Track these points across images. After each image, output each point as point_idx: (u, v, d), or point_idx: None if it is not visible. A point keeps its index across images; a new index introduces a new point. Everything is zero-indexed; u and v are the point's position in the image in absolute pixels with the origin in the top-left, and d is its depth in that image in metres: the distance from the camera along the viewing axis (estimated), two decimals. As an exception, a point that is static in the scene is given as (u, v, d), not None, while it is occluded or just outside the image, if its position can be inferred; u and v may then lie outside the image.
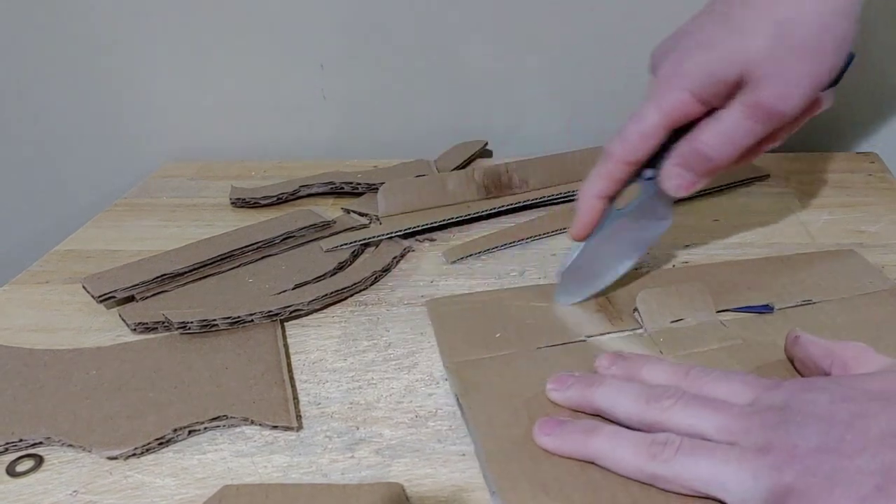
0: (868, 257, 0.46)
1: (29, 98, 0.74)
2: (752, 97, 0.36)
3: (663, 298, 0.41)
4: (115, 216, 0.61)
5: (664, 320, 0.40)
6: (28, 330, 0.45)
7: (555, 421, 0.32)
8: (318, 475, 0.32)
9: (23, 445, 0.35)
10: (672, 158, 0.38)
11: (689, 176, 0.38)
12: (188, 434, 0.35)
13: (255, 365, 0.39)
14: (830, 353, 0.32)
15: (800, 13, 0.35)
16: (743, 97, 0.36)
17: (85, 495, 0.32)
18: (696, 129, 0.37)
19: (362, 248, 0.52)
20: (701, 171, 0.38)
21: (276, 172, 0.69)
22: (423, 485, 0.31)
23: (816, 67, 0.35)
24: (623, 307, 0.42)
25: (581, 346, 0.39)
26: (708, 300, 0.41)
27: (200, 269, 0.49)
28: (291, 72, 0.72)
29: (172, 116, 0.74)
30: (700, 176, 0.38)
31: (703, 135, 0.37)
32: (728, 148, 0.37)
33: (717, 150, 0.37)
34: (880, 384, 0.28)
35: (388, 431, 0.35)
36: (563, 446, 0.31)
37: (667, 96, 0.37)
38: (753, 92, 0.35)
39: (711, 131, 0.37)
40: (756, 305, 0.42)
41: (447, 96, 0.71)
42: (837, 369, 0.31)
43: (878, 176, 0.60)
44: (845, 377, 0.30)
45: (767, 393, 0.29)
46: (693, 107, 0.37)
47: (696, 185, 0.39)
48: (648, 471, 0.28)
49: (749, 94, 0.36)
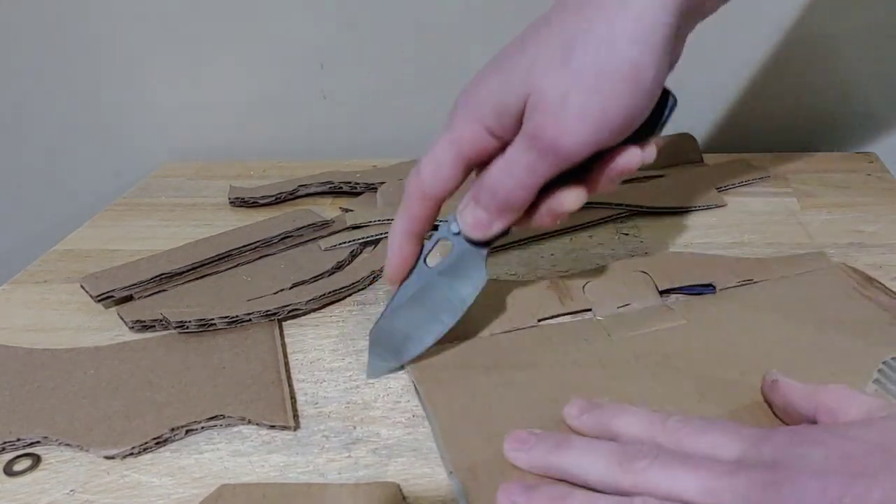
0: (868, 257, 0.46)
1: (29, 98, 0.74)
2: (530, 125, 0.32)
3: (611, 286, 0.43)
4: (114, 216, 0.61)
5: (612, 306, 0.42)
6: (26, 329, 0.45)
7: (520, 487, 0.28)
8: (316, 475, 0.32)
9: (20, 445, 0.35)
10: (466, 196, 0.36)
11: (481, 213, 0.35)
12: (185, 433, 0.35)
13: (253, 364, 0.39)
14: (813, 398, 0.30)
15: (587, 35, 0.30)
16: (524, 127, 0.32)
17: (82, 494, 0.32)
18: (489, 166, 0.34)
19: (361, 247, 0.52)
20: (492, 208, 0.34)
21: (275, 172, 0.69)
22: (420, 484, 0.31)
23: (604, 102, 0.30)
24: (573, 285, 0.44)
25: (534, 331, 0.41)
26: (651, 286, 0.43)
27: (199, 268, 0.49)
28: (291, 72, 0.72)
29: (172, 116, 0.75)
30: (493, 214, 0.35)
31: (492, 169, 0.34)
32: (511, 182, 0.33)
33: (504, 185, 0.33)
34: (878, 436, 0.25)
35: (385, 431, 0.35)
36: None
37: (458, 128, 0.33)
38: (532, 120, 0.31)
39: (496, 164, 0.33)
40: (698, 285, 0.43)
41: (447, 96, 0.70)
42: (823, 416, 0.29)
43: (877, 176, 0.60)
44: (837, 427, 0.27)
45: (754, 446, 0.27)
46: (486, 140, 0.33)
47: (491, 224, 0.35)
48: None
49: (529, 122, 0.32)
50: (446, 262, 0.37)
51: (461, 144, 0.33)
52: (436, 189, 0.35)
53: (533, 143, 0.32)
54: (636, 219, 0.54)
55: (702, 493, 0.26)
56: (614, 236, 0.52)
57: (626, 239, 0.51)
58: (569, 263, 0.48)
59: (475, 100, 0.33)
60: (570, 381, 0.36)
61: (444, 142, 0.34)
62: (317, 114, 0.73)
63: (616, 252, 0.49)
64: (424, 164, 0.35)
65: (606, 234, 0.52)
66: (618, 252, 0.49)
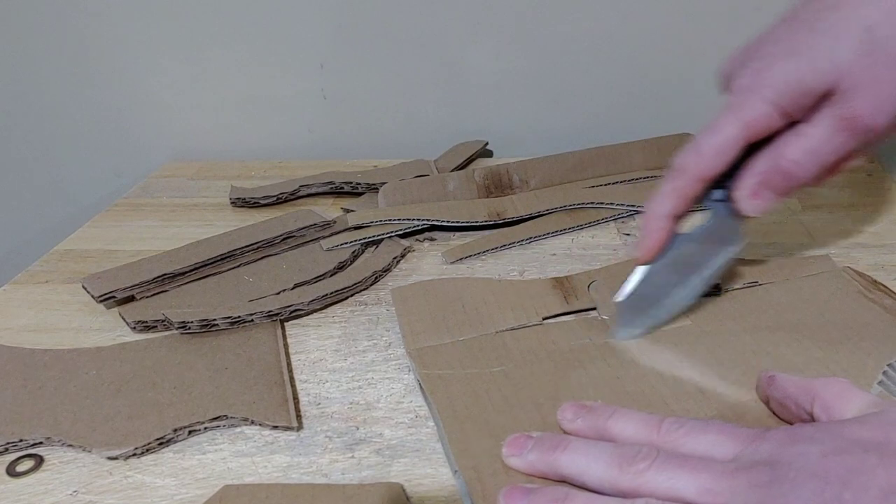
0: (868, 257, 0.46)
1: (29, 98, 0.74)
2: (844, 110, 0.33)
3: (615, 285, 0.42)
4: (115, 216, 0.61)
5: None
6: (28, 330, 0.45)
7: (521, 490, 0.28)
8: (319, 475, 0.32)
9: (23, 445, 0.35)
10: (751, 177, 0.35)
11: (769, 195, 0.35)
12: (188, 434, 0.35)
13: (255, 365, 0.39)
14: (810, 391, 0.30)
15: (889, 20, 0.32)
16: (833, 110, 0.33)
17: (85, 495, 0.32)
18: (778, 144, 0.35)
19: (362, 247, 0.52)
20: (783, 191, 0.35)
21: (275, 172, 0.69)
22: (423, 484, 0.31)
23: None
24: (578, 284, 0.44)
25: (539, 329, 0.41)
26: None
27: (200, 268, 0.49)
28: (291, 72, 0.72)
29: (172, 116, 0.74)
30: (781, 195, 0.35)
31: (789, 151, 0.34)
32: (815, 165, 0.34)
33: (803, 167, 0.34)
34: (872, 432, 0.26)
35: (389, 431, 0.35)
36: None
37: (748, 108, 0.34)
38: (845, 104, 0.33)
39: (798, 147, 0.34)
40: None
41: (447, 96, 0.71)
42: (819, 410, 0.29)
43: (877, 176, 0.60)
44: (833, 424, 0.27)
45: (751, 446, 0.27)
46: (775, 120, 0.34)
47: (774, 204, 0.36)
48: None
49: (841, 106, 0.33)
50: (704, 228, 0.37)
51: (752, 126, 0.34)
52: (717, 170, 0.35)
53: (844, 124, 0.33)
54: (639, 219, 0.54)
55: (702, 494, 0.26)
56: (616, 236, 0.52)
57: (628, 239, 0.51)
58: (572, 263, 0.49)
59: (769, 81, 0.33)
60: (573, 380, 0.36)
61: (732, 122, 0.34)
62: (317, 114, 0.73)
63: (618, 252, 0.50)
64: (708, 145, 0.35)
65: (608, 234, 0.52)
66: (620, 252, 0.50)
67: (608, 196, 0.55)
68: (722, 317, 0.40)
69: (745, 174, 0.36)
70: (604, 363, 0.37)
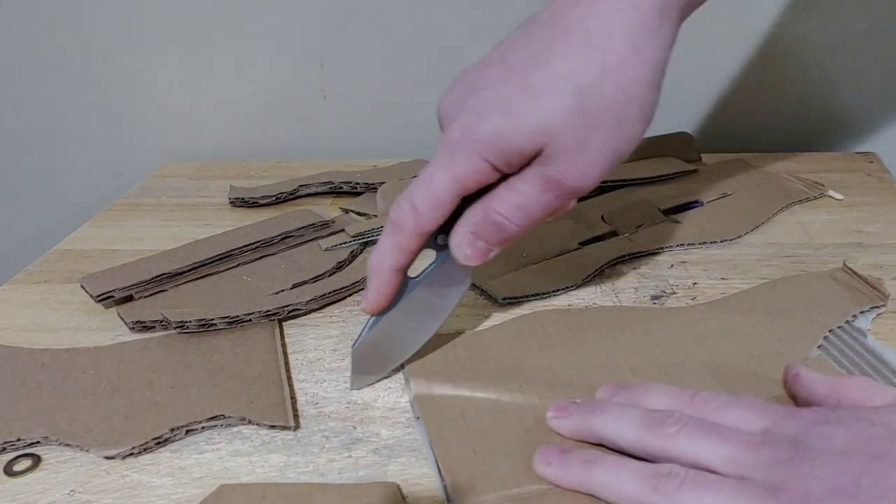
0: (867, 257, 0.46)
1: (29, 98, 0.74)
2: (550, 171, 0.33)
3: (623, 211, 0.52)
4: (114, 216, 0.61)
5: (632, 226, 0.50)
6: (27, 329, 0.45)
7: (556, 449, 0.30)
8: (316, 475, 0.32)
9: (20, 445, 0.35)
10: (464, 227, 0.35)
11: (482, 245, 0.35)
12: (185, 434, 0.35)
13: (253, 365, 0.39)
14: (836, 390, 0.30)
15: (600, 82, 0.32)
16: (541, 170, 0.33)
17: (82, 495, 0.32)
18: (490, 197, 0.34)
19: (361, 247, 0.52)
20: (495, 242, 0.35)
21: (275, 172, 0.69)
22: (420, 484, 0.31)
23: (618, 141, 0.33)
24: (591, 217, 0.53)
25: (555, 315, 0.42)
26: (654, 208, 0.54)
27: (199, 268, 0.49)
28: (291, 71, 0.72)
29: (172, 116, 0.75)
30: (495, 245, 0.35)
31: (499, 205, 0.34)
32: (524, 220, 0.34)
33: (512, 221, 0.34)
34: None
35: (386, 431, 0.35)
36: (564, 477, 0.30)
37: (461, 164, 0.33)
38: (552, 166, 0.33)
39: (507, 203, 0.34)
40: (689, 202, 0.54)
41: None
42: (847, 406, 0.30)
43: (877, 176, 0.60)
44: (864, 410, 0.28)
45: (780, 422, 0.28)
46: (487, 175, 0.33)
47: (489, 253, 0.36)
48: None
49: (547, 167, 0.33)
50: (430, 271, 0.37)
51: (464, 182, 0.33)
52: (433, 225, 0.34)
53: (551, 185, 0.33)
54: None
55: (725, 463, 0.27)
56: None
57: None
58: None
59: (479, 138, 0.33)
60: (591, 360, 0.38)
61: (444, 178, 0.33)
62: (317, 114, 0.73)
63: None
64: (422, 201, 0.34)
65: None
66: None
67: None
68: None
69: (458, 225, 0.35)
70: (619, 354, 0.38)
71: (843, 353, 0.37)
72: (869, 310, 0.40)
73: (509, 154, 0.33)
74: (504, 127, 0.32)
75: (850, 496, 0.24)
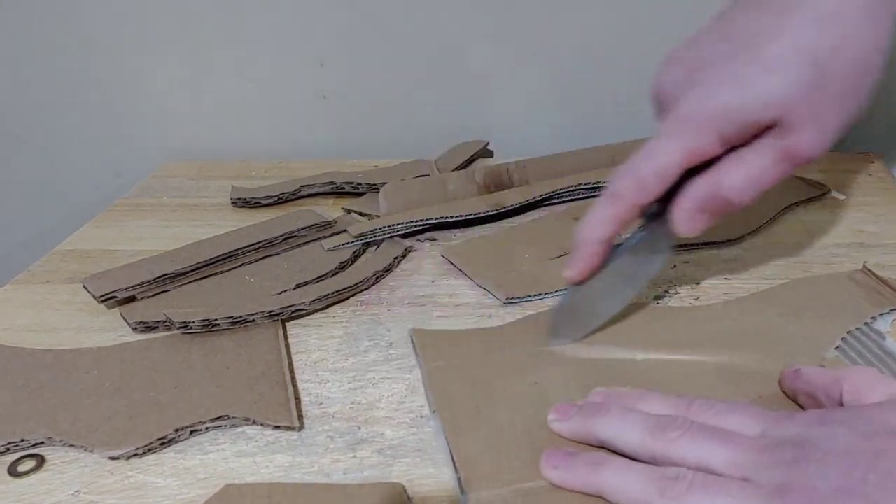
0: (868, 257, 0.46)
1: (29, 98, 0.74)
2: (787, 143, 0.33)
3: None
4: (115, 216, 0.61)
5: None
6: (29, 330, 0.45)
7: (562, 453, 0.31)
8: (320, 475, 0.32)
9: (24, 445, 0.35)
10: (687, 200, 0.35)
11: (706, 219, 0.36)
12: (190, 434, 0.35)
13: (257, 365, 0.39)
14: (838, 380, 0.30)
15: (838, 52, 0.32)
16: (776, 142, 0.33)
17: (87, 495, 0.32)
18: (717, 171, 0.34)
19: (364, 247, 0.52)
20: (720, 215, 0.36)
21: (276, 172, 0.69)
22: (425, 485, 0.31)
23: (851, 110, 0.34)
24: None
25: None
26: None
27: (201, 268, 0.49)
28: (291, 71, 0.71)
29: (172, 116, 0.74)
30: (717, 218, 0.36)
31: (729, 178, 0.34)
32: (755, 191, 0.35)
33: (743, 193, 0.34)
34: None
35: (390, 431, 0.35)
36: (570, 480, 0.30)
37: (692, 137, 0.34)
38: (788, 137, 0.33)
39: (738, 175, 0.34)
40: None
41: (447, 96, 0.71)
42: (849, 395, 0.30)
43: (878, 176, 0.60)
44: (862, 409, 0.28)
45: (778, 425, 0.28)
46: (717, 148, 0.34)
47: (710, 224, 0.36)
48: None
49: (783, 139, 0.33)
50: (636, 240, 0.37)
51: (694, 154, 0.34)
52: (654, 197, 0.35)
53: (786, 156, 0.34)
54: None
55: (729, 466, 0.27)
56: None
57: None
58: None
59: (713, 112, 0.33)
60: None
61: (674, 151, 0.34)
62: (317, 114, 0.73)
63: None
64: (648, 173, 0.34)
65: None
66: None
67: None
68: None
69: (683, 197, 0.35)
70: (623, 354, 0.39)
71: (861, 354, 0.36)
72: (889, 312, 0.40)
73: (744, 126, 0.33)
74: (740, 100, 0.33)
75: (857, 494, 0.24)
